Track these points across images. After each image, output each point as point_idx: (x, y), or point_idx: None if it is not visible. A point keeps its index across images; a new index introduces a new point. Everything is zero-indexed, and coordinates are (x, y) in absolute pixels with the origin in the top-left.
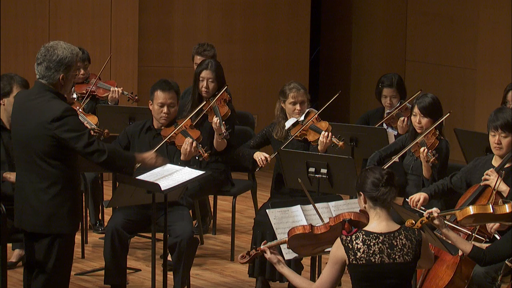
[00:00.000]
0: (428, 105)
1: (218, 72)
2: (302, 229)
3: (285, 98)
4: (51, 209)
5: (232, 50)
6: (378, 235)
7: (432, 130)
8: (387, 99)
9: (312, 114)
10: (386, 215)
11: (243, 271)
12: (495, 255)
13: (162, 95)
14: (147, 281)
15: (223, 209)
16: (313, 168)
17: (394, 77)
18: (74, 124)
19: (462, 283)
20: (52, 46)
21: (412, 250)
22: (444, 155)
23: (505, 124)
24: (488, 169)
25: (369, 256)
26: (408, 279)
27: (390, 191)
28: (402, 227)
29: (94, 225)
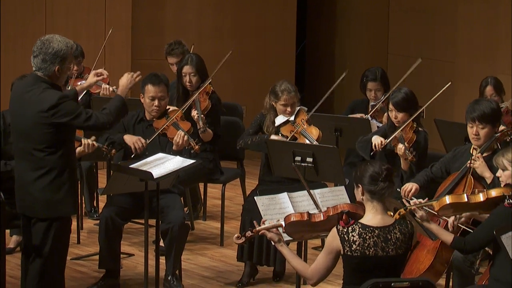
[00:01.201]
0: (401, 100)
1: (199, 66)
2: (300, 216)
3: (277, 99)
4: (49, 194)
5: (222, 44)
6: (374, 228)
7: (410, 124)
8: (372, 92)
9: (302, 115)
10: (382, 209)
11: (232, 256)
12: (475, 244)
13: (153, 89)
14: (140, 265)
15: (213, 196)
16: (299, 157)
17: (378, 71)
18: (69, 107)
19: (442, 267)
20: (48, 40)
21: (405, 243)
22: (422, 147)
23: (482, 115)
24: (466, 158)
25: (364, 248)
26: (399, 271)
27: (388, 186)
28: (396, 221)
29: (89, 212)
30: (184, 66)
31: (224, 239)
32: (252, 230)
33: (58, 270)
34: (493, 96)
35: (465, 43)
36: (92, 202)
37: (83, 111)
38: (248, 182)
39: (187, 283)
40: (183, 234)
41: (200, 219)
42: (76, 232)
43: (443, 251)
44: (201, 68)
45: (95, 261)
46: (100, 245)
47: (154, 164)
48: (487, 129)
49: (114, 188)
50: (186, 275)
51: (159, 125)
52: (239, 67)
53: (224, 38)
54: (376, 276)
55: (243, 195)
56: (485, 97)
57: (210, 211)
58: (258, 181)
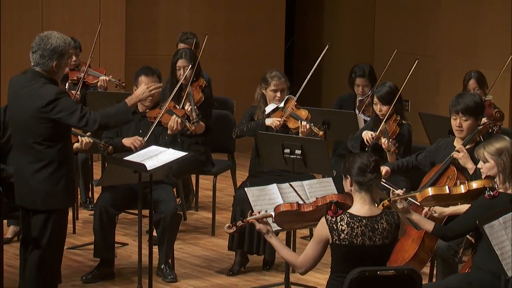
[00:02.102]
0: (386, 94)
1: (193, 60)
2: (289, 206)
3: (267, 85)
4: (47, 186)
5: (214, 40)
6: (361, 218)
7: (393, 117)
8: (360, 88)
9: (291, 100)
10: (370, 199)
11: (223, 245)
12: (456, 231)
13: (146, 80)
14: (134, 254)
15: (204, 187)
16: (288, 149)
17: (366, 67)
18: (66, 104)
19: (426, 256)
20: (46, 36)
21: (391, 233)
22: (406, 139)
23: (465, 108)
24: (450, 150)
25: (351, 238)
26: (385, 260)
27: (376, 177)
28: (383, 211)
29: (84, 203)
30: (178, 59)
31: (216, 229)
32: (243, 220)
33: (56, 260)
34: (476, 90)
35: (448, 38)
36: (87, 193)
37: (79, 110)
38: (238, 174)
39: (179, 271)
40: (174, 224)
41: (192, 210)
42: (72, 222)
43: (427, 240)
44: (195, 62)
45: (90, 250)
46: (95, 235)
47: (148, 156)
48: (470, 121)
49: (108, 180)
50: (178, 264)
51: (153, 115)
52: (230, 62)
53: (216, 34)
54: (363, 264)
55: (234, 186)
56: (468, 90)
57: (202, 202)
58: (249, 172)
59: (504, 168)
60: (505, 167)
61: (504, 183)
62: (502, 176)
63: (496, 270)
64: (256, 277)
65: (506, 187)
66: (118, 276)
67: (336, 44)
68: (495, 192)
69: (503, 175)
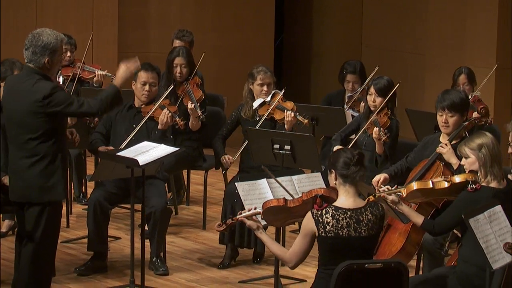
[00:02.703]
0: (384, 86)
1: (189, 58)
2: (276, 202)
3: (254, 80)
4: (41, 180)
5: (204, 38)
6: (346, 210)
7: (385, 110)
8: (350, 84)
9: (278, 94)
10: (354, 192)
11: (214, 239)
12: (442, 227)
13: (145, 75)
14: (127, 248)
15: (195, 182)
16: (278, 145)
17: (357, 64)
18: (62, 97)
19: (413, 249)
20: (38, 33)
21: (376, 224)
22: (394, 133)
23: (451, 104)
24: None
25: (337, 229)
26: (370, 251)
27: (359, 170)
28: (367, 204)
29: (78, 197)
30: (176, 57)
31: (207, 223)
32: (233, 218)
33: (50, 253)
34: (466, 85)
35: (435, 36)
36: (80, 188)
37: (75, 99)
38: (229, 169)
39: (171, 265)
40: (164, 218)
41: (183, 204)
42: (66, 217)
43: (414, 234)
44: (191, 61)
45: (84, 244)
46: (89, 229)
47: (140, 151)
48: (456, 117)
49: (101, 175)
50: (170, 257)
51: (147, 110)
52: (220, 59)
53: (206, 32)
54: (350, 256)
55: (225, 181)
56: (458, 86)
57: (193, 196)
58: (239, 168)
59: (484, 162)
60: (486, 161)
61: (486, 177)
62: (483, 170)
63: (481, 263)
64: (246, 270)
65: (488, 181)
66: (111, 269)
67: (325, 42)
68: (477, 185)
69: (484, 169)
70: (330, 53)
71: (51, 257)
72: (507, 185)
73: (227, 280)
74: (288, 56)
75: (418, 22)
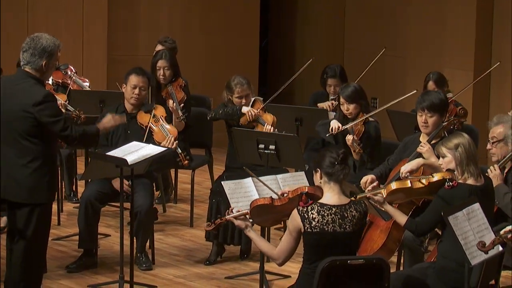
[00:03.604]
0: (351, 93)
1: (172, 61)
2: (263, 200)
3: (231, 93)
4: (32, 181)
5: (191, 40)
6: (331, 207)
7: (360, 116)
8: (331, 87)
9: (258, 104)
10: (339, 189)
11: (201, 236)
12: (424, 227)
13: (136, 79)
14: (116, 245)
15: (183, 181)
16: (263, 145)
17: (337, 68)
18: (53, 109)
19: (393, 246)
20: (37, 36)
21: (360, 220)
22: (374, 137)
23: (430, 105)
24: (416, 146)
25: (322, 225)
26: (354, 247)
27: (344, 169)
28: (351, 201)
29: (68, 196)
30: (158, 60)
31: (194, 220)
32: (221, 218)
33: (41, 251)
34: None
35: (415, 39)
36: (71, 186)
37: (63, 120)
38: (215, 168)
39: (159, 261)
40: (149, 218)
41: (171, 202)
42: (57, 215)
43: (395, 231)
44: (174, 63)
45: (74, 241)
46: (80, 227)
47: (129, 151)
48: (435, 117)
49: (92, 174)
50: (158, 254)
51: (143, 120)
52: (207, 61)
53: (193, 35)
54: (334, 251)
55: (211, 180)
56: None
57: (181, 195)
58: (225, 167)
59: (460, 161)
60: (462, 160)
61: (463, 175)
62: (460, 168)
63: (460, 259)
64: (232, 266)
65: (465, 178)
66: (101, 266)
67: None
68: (454, 182)
69: (460, 167)
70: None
71: (42, 254)
72: (484, 182)
73: (214, 276)
74: (273, 58)
75: (398, 26)
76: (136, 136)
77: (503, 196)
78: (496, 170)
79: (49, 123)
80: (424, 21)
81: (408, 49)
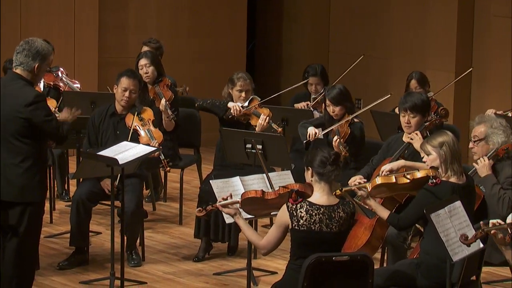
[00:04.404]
0: (336, 95)
1: (153, 59)
2: (255, 193)
3: (233, 85)
4: (23, 180)
5: (179, 43)
6: (320, 206)
7: (345, 117)
8: (313, 86)
9: (255, 101)
10: (328, 189)
11: (190, 233)
12: (406, 221)
13: (127, 81)
14: (107, 242)
15: (172, 180)
16: (250, 145)
17: (318, 67)
18: (44, 109)
19: (377, 243)
20: (32, 39)
21: (347, 221)
22: (359, 137)
23: (413, 106)
24: (399, 145)
25: (310, 224)
26: (340, 245)
27: (335, 169)
28: (340, 201)
29: (60, 195)
30: (140, 59)
31: (183, 218)
32: (212, 205)
33: (33, 248)
34: (417, 89)
35: (398, 42)
36: (63, 185)
37: (54, 119)
38: (204, 167)
39: (149, 258)
40: (136, 218)
41: (161, 201)
42: (49, 213)
43: (378, 228)
44: (156, 60)
45: (66, 239)
46: (72, 225)
47: (119, 151)
48: (418, 118)
49: (83, 173)
50: (148, 250)
51: (130, 122)
52: (195, 63)
53: (181, 37)
54: (320, 249)
55: (200, 178)
56: (411, 90)
57: (170, 193)
58: (213, 166)
59: (445, 159)
60: (446, 158)
61: (446, 173)
62: (444, 166)
63: (442, 255)
64: (220, 263)
65: (448, 176)
66: (92, 263)
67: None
68: (437, 180)
69: (444, 165)
70: (299, 58)
71: (35, 251)
72: (466, 181)
73: (202, 272)
74: (260, 61)
75: (381, 29)
76: (125, 136)
77: (492, 187)
78: (486, 161)
79: (42, 122)
80: (406, 23)
81: (391, 51)
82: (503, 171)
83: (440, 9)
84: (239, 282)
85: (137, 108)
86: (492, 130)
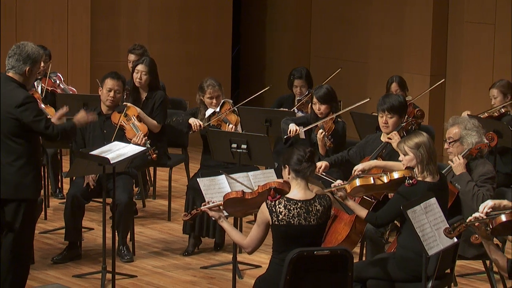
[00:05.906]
0: (324, 94)
1: (151, 68)
2: (235, 194)
3: (203, 93)
4: (17, 178)
5: (168, 47)
6: (297, 201)
7: (330, 115)
8: (298, 88)
9: (227, 105)
10: (305, 185)
11: (178, 229)
12: (384, 219)
13: (111, 82)
14: (99, 238)
15: (161, 178)
16: (235, 144)
17: (303, 70)
18: (34, 110)
19: (356, 237)
20: (23, 44)
21: (324, 214)
22: (340, 134)
23: (390, 107)
24: (377, 144)
25: (289, 218)
26: (319, 238)
27: (310, 166)
28: (316, 195)
29: (54, 192)
30: (139, 64)
31: (171, 215)
32: (197, 209)
33: (28, 243)
34: (398, 92)
35: (375, 46)
36: (57, 184)
37: (45, 119)
38: (191, 166)
39: (139, 253)
40: (128, 211)
41: (150, 198)
42: (44, 210)
43: (357, 224)
44: (153, 70)
45: (60, 235)
46: (65, 221)
47: (111, 151)
48: (395, 118)
49: (76, 172)
50: (138, 246)
51: (116, 119)
52: (183, 66)
53: (170, 42)
54: (301, 242)
55: (187, 177)
56: (391, 92)
57: (159, 191)
58: (200, 165)
59: (421, 159)
60: (423, 159)
61: (422, 173)
62: (420, 167)
63: (418, 249)
64: (207, 257)
65: (424, 176)
66: (84, 257)
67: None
68: (413, 180)
69: (421, 166)
70: (282, 62)
71: (30, 246)
72: (440, 179)
73: (190, 266)
74: (244, 64)
75: (360, 34)
76: (111, 135)
77: (466, 184)
78: (460, 159)
79: (31, 122)
80: (384, 29)
81: (369, 55)
82: (476, 169)
83: (416, 15)
84: (225, 276)
85: (122, 107)
86: (466, 131)
